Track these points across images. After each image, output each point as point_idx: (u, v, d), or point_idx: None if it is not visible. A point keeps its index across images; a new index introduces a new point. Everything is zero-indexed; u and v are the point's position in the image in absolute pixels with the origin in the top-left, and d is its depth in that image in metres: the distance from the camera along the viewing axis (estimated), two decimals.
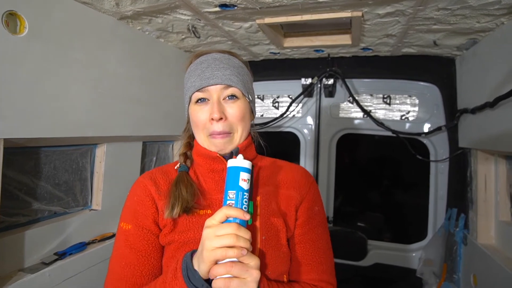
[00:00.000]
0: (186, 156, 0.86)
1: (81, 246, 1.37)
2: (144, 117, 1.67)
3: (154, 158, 2.00)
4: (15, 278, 1.10)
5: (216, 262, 0.61)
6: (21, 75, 1.04)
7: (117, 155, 1.60)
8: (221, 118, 0.76)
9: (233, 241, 0.59)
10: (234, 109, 0.78)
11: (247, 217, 0.63)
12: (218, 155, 0.79)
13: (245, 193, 0.66)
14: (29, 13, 1.04)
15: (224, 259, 0.60)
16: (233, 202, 0.65)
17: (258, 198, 0.80)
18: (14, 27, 1.02)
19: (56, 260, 1.25)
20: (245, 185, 0.66)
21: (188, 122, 0.87)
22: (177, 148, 2.14)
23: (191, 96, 0.80)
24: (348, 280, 2.32)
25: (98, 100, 1.36)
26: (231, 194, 0.65)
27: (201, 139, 0.81)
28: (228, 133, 0.78)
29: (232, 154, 0.79)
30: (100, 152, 1.54)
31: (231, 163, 0.68)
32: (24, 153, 1.24)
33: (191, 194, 0.76)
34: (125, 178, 1.62)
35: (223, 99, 0.78)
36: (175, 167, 0.85)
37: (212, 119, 0.76)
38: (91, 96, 1.33)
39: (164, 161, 2.08)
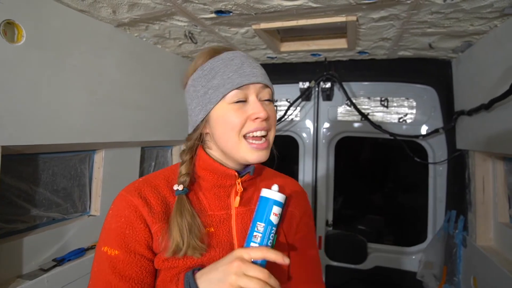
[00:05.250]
0: (189, 176, 0.74)
1: (80, 252, 1.38)
2: (143, 123, 1.68)
3: (153, 163, 2.01)
4: (14, 285, 1.11)
5: None
6: (19, 83, 1.05)
7: (115, 161, 1.61)
8: (267, 118, 0.70)
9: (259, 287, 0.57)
10: (272, 111, 0.74)
11: (286, 261, 0.60)
12: (235, 173, 0.73)
13: (273, 228, 0.65)
14: (27, 22, 1.05)
15: None
16: (260, 235, 0.64)
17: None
18: (12, 36, 1.03)
19: (54, 266, 1.25)
20: (275, 219, 0.65)
21: (196, 131, 0.75)
22: (176, 153, 2.15)
23: (226, 94, 0.69)
24: (348, 283, 2.31)
25: (96, 106, 1.37)
26: (260, 226, 0.64)
27: (232, 143, 0.71)
28: (265, 138, 0.72)
29: (247, 171, 0.75)
30: (99, 158, 1.55)
31: (265, 193, 0.66)
32: (22, 160, 1.24)
33: (198, 232, 0.68)
34: (124, 184, 1.60)
35: (260, 100, 0.72)
36: (175, 188, 0.72)
37: (257, 118, 0.69)
38: (89, 102, 1.34)
39: (163, 166, 2.09)
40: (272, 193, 0.65)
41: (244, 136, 0.71)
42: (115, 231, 0.68)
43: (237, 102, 0.70)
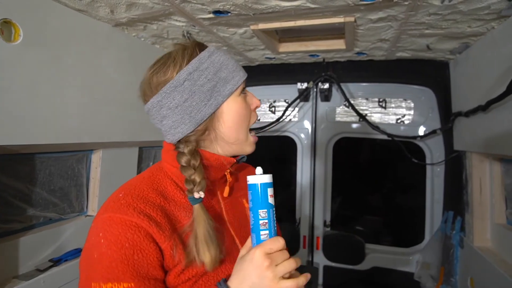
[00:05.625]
0: (205, 180, 0.68)
1: (77, 253, 1.37)
2: (140, 123, 1.67)
3: (151, 164, 2.00)
4: (10, 286, 1.10)
5: None
6: (16, 82, 1.05)
7: (113, 161, 1.60)
8: None
9: (294, 266, 0.61)
10: None
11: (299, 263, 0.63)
12: (234, 160, 0.73)
13: (274, 209, 0.64)
14: (24, 21, 1.05)
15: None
16: (267, 221, 0.63)
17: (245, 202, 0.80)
18: (9, 35, 1.02)
19: (51, 266, 1.25)
20: (272, 200, 0.64)
21: (198, 129, 0.69)
22: None
23: (239, 86, 0.71)
24: (346, 284, 2.31)
25: (94, 106, 1.37)
26: (263, 213, 0.62)
27: (243, 134, 0.72)
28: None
29: (240, 159, 0.76)
30: (96, 158, 1.55)
31: (254, 179, 0.64)
32: (19, 160, 1.24)
33: (220, 240, 0.67)
34: (121, 184, 1.62)
35: None
36: (197, 196, 0.66)
37: (256, 107, 0.76)
38: (87, 102, 1.33)
39: None
40: (261, 177, 0.63)
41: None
42: (120, 261, 0.58)
43: (242, 94, 0.73)
